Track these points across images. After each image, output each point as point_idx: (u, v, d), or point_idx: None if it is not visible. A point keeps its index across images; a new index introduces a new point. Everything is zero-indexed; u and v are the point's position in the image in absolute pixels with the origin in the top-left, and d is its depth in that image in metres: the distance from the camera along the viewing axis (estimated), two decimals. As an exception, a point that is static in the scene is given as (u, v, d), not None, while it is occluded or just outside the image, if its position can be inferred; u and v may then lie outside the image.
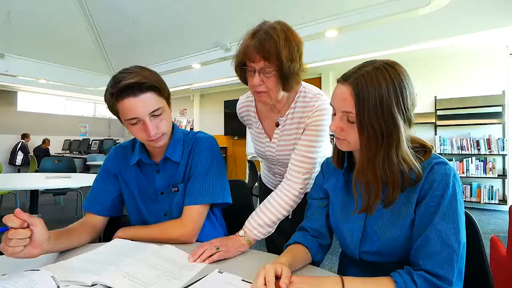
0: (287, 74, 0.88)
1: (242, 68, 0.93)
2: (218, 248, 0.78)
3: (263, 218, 0.94)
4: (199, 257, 0.77)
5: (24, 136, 8.28)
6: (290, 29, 0.90)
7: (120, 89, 0.82)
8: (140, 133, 0.89)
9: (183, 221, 0.94)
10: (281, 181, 1.02)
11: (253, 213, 0.97)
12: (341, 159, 0.80)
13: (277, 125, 1.07)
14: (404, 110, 0.63)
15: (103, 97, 0.90)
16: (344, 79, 0.67)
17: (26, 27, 5.49)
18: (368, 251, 0.73)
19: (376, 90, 0.62)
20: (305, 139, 0.98)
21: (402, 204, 0.67)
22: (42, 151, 7.96)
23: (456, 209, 0.62)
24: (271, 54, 0.85)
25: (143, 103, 0.84)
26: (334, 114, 0.71)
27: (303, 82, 1.05)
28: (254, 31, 0.89)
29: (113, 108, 0.88)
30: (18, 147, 8.01)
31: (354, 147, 0.69)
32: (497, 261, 1.44)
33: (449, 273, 0.57)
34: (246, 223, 0.95)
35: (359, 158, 0.68)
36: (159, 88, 0.88)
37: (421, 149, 0.68)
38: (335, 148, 0.79)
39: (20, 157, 7.84)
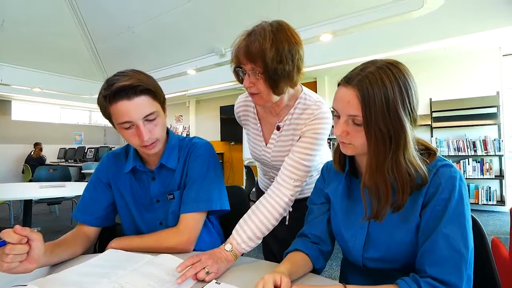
0: (274, 77, 0.84)
1: (238, 70, 0.91)
2: (207, 272, 0.71)
3: (253, 229, 0.87)
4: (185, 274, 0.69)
5: (36, 145, 8.27)
6: (284, 29, 0.86)
7: (113, 92, 0.80)
8: (133, 138, 0.86)
9: (180, 230, 0.91)
10: None
11: (241, 222, 0.90)
12: (343, 162, 0.77)
13: (278, 128, 1.04)
14: (410, 110, 0.61)
15: (97, 102, 0.87)
16: (346, 81, 0.64)
17: (20, 35, 5.46)
18: (371, 257, 0.70)
19: (382, 91, 0.59)
20: (301, 146, 0.95)
21: (407, 209, 0.65)
22: (36, 160, 7.86)
23: (463, 212, 0.60)
24: (256, 56, 0.82)
25: (136, 107, 0.82)
26: (337, 117, 0.68)
27: (304, 88, 1.02)
28: (248, 32, 0.88)
29: (105, 112, 0.85)
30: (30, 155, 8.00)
31: (360, 151, 0.67)
32: (499, 264, 1.42)
33: (457, 279, 0.55)
34: (234, 234, 0.87)
35: (367, 163, 0.65)
36: (153, 91, 0.86)
37: (426, 151, 0.67)
38: (336, 151, 0.77)
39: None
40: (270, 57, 0.82)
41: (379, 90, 0.59)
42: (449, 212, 0.59)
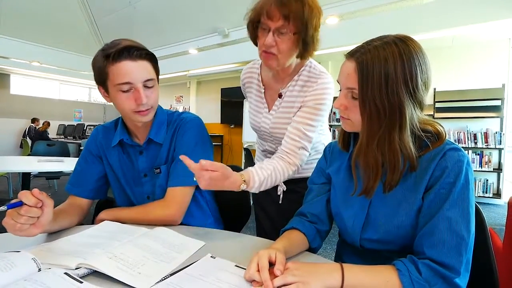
0: (309, 41, 0.84)
1: (255, 25, 0.86)
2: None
3: (266, 178, 0.85)
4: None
5: (34, 120, 8.29)
6: None
7: (119, 50, 0.80)
8: (129, 101, 0.85)
9: (166, 202, 0.91)
10: None
11: (256, 168, 0.86)
12: (347, 141, 0.76)
13: (280, 96, 1.02)
14: (412, 91, 0.59)
15: (91, 66, 0.86)
16: (350, 54, 0.64)
17: (18, 7, 5.32)
18: (370, 238, 0.69)
19: (382, 66, 0.58)
20: (302, 116, 0.93)
21: (409, 191, 0.64)
22: (40, 134, 7.88)
23: (468, 197, 0.58)
24: (295, 15, 0.80)
25: (139, 69, 0.84)
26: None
27: (311, 58, 1.01)
28: None
29: (102, 72, 0.84)
30: (27, 131, 8.03)
31: (358, 127, 0.65)
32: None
33: (456, 262, 0.54)
34: (254, 175, 0.83)
35: (360, 138, 0.64)
36: (155, 59, 0.89)
37: (432, 135, 0.64)
38: (341, 129, 0.75)
39: (29, 140, 7.81)
40: (311, 21, 0.81)
41: (380, 64, 0.58)
42: (453, 196, 0.58)
